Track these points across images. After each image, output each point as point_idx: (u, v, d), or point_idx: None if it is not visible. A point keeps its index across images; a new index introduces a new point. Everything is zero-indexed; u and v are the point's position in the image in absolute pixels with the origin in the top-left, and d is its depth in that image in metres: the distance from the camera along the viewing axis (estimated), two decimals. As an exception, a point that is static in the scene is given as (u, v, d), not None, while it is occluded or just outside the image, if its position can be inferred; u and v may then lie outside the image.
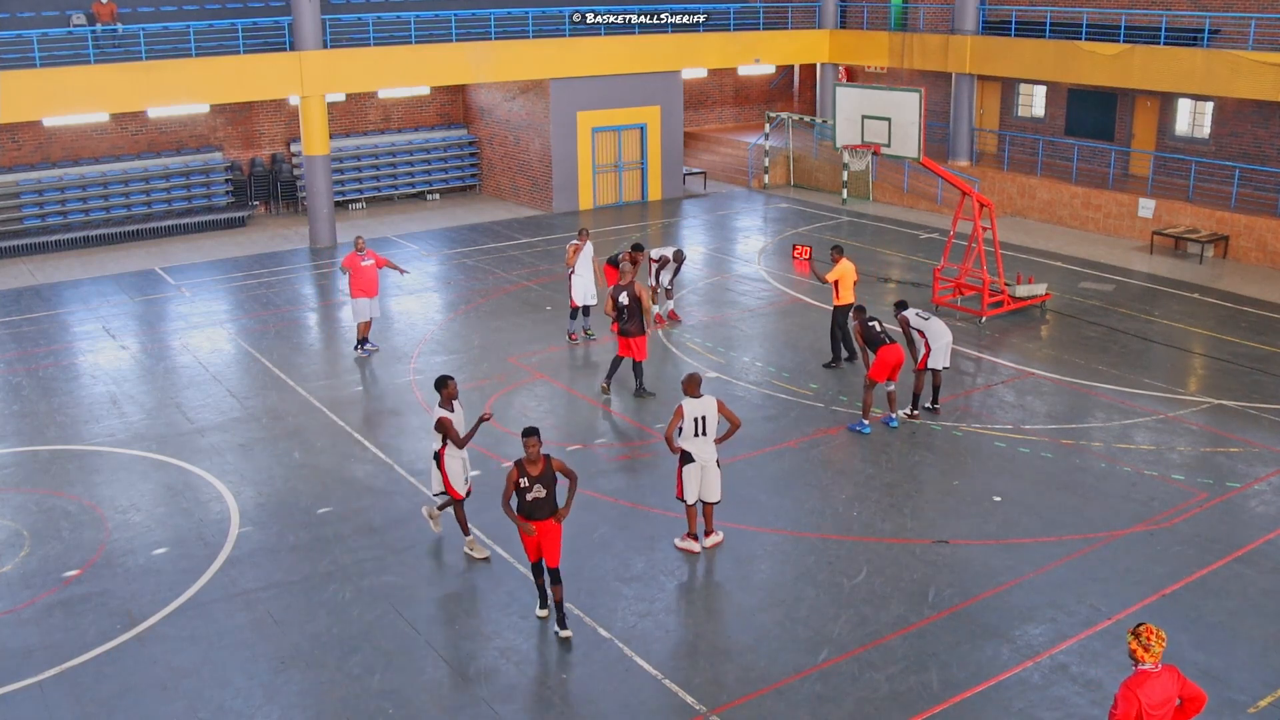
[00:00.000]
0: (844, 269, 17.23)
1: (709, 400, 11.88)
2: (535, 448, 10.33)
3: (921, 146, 19.73)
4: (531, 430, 10.37)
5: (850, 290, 17.35)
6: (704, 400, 11.85)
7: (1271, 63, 23.48)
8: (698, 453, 11.84)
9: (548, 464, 10.47)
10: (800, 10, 34.10)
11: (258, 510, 13.30)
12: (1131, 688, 7.09)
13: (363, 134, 31.55)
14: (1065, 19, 28.77)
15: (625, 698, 9.80)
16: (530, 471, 10.41)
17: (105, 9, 25.13)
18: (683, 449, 11.86)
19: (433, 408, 12.13)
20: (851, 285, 17.35)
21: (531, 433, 10.35)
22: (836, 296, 17.38)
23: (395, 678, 10.10)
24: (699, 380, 11.99)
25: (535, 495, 10.43)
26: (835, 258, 17.35)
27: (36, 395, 17.10)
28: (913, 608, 11.09)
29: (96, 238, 27.03)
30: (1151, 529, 12.62)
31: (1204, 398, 16.52)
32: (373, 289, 18.46)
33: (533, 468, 10.41)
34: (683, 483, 11.93)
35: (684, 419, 11.76)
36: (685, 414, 11.76)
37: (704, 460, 11.88)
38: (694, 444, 11.84)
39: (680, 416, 11.76)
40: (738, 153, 35.09)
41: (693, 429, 11.80)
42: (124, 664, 10.37)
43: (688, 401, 11.83)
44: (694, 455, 11.82)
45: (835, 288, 17.31)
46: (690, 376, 12.03)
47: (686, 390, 11.93)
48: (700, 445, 11.86)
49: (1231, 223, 24.68)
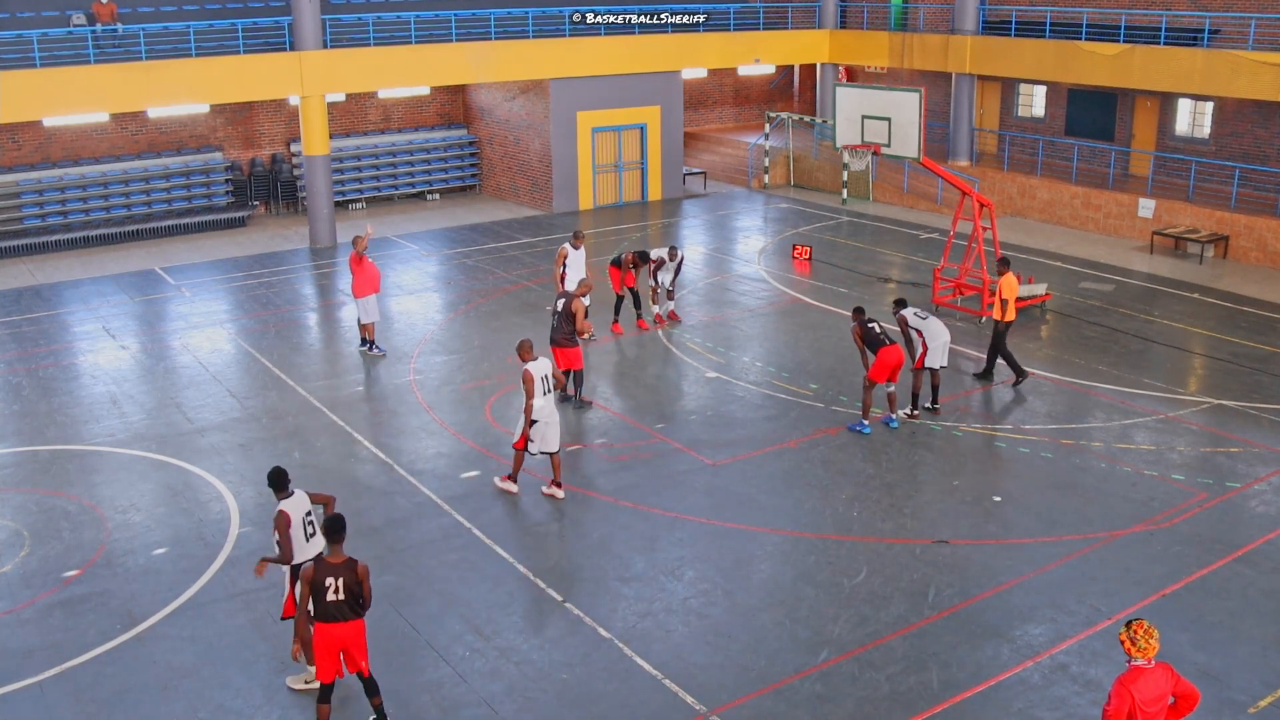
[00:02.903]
0: (1011, 283, 16.43)
1: (545, 361, 13.16)
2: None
3: (921, 146, 19.74)
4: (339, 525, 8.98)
5: (1013, 306, 16.53)
6: (541, 361, 13.11)
7: (1271, 63, 23.48)
8: (544, 412, 12.97)
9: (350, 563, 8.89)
10: (800, 10, 34.10)
11: (258, 510, 13.30)
12: (1124, 684, 7.12)
13: (363, 134, 31.55)
14: (1065, 19, 28.77)
15: (625, 698, 9.80)
16: (331, 561, 8.86)
17: (105, 9, 25.13)
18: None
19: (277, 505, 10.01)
20: (1014, 299, 16.53)
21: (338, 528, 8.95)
22: (1002, 314, 16.50)
23: (395, 678, 10.10)
24: (531, 343, 13.21)
25: (334, 597, 8.88)
26: (1001, 270, 16.58)
27: (36, 395, 17.10)
28: (913, 608, 11.09)
29: (96, 238, 27.03)
30: (1151, 529, 12.62)
31: (1204, 398, 16.52)
32: (376, 285, 18.48)
33: (334, 559, 8.86)
34: (529, 438, 13.03)
35: (535, 382, 12.86)
36: (535, 377, 12.89)
37: (549, 418, 13.06)
38: (542, 402, 12.98)
39: (532, 380, 12.85)
40: (738, 153, 35.09)
41: (542, 388, 12.97)
42: (124, 664, 10.37)
43: (532, 365, 12.96)
44: (542, 414, 12.96)
45: (1000, 304, 16.46)
46: (523, 342, 13.18)
47: (524, 356, 13.07)
48: (547, 404, 13.05)
49: (1231, 223, 24.67)
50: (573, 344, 16.02)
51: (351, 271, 18.40)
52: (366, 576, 8.92)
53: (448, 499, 13.50)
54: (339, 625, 8.89)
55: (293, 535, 9.66)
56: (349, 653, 9.04)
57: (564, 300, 15.97)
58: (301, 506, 9.80)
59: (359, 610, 8.94)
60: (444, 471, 14.27)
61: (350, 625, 8.95)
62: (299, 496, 9.85)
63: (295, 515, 9.72)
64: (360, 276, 18.32)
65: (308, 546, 9.76)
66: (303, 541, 9.73)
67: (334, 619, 8.85)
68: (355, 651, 9.05)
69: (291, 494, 9.80)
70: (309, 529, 9.81)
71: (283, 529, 9.63)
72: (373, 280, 18.43)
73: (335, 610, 8.84)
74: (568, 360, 16.06)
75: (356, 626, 8.99)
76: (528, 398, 12.88)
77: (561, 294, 16.21)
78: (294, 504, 9.74)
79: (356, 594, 8.87)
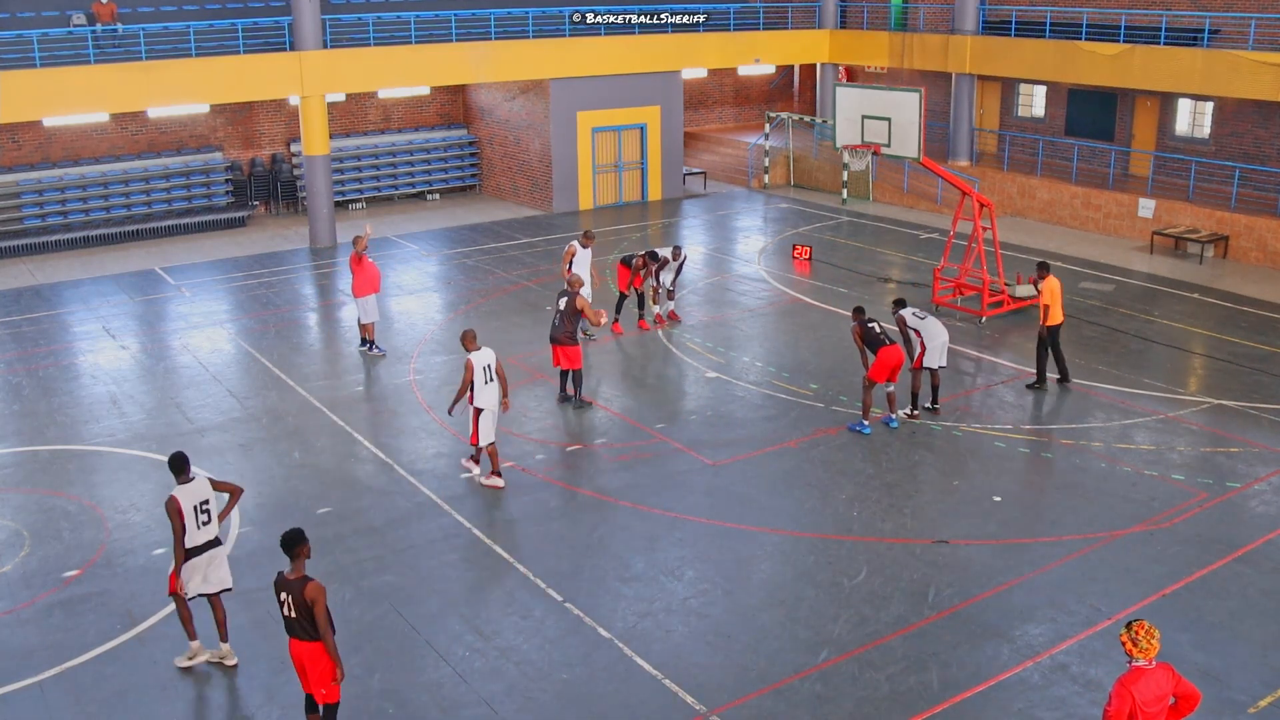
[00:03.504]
0: (1052, 286, 16.33)
1: (488, 351, 13.42)
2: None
3: (921, 146, 19.74)
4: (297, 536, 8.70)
5: (1059, 309, 16.41)
6: (484, 351, 13.38)
7: (1271, 63, 23.48)
8: (488, 401, 13.29)
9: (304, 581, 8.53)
10: (800, 10, 34.10)
11: (258, 510, 13.30)
12: (1125, 684, 7.12)
13: (363, 134, 31.55)
14: (1065, 19, 28.77)
15: (625, 698, 9.80)
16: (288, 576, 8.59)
17: (105, 9, 25.12)
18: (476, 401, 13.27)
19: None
20: (1060, 303, 16.40)
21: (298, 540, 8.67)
22: (1046, 318, 16.38)
23: (395, 678, 10.10)
24: (475, 333, 13.49)
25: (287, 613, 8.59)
26: (1042, 274, 16.48)
27: (36, 395, 17.10)
28: (913, 608, 11.09)
29: (96, 238, 27.03)
30: (1151, 529, 12.62)
31: (1204, 398, 16.51)
32: (376, 285, 18.49)
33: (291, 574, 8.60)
34: (479, 429, 13.33)
35: (475, 371, 13.13)
36: (475, 366, 13.16)
37: (492, 406, 13.37)
38: (484, 391, 13.26)
39: (471, 370, 13.13)
40: (738, 153, 35.09)
41: (483, 378, 13.24)
42: (124, 664, 10.37)
43: (474, 355, 13.25)
44: (484, 404, 13.25)
45: (1044, 309, 16.36)
46: (467, 332, 13.48)
47: (467, 346, 13.36)
48: (489, 393, 13.33)
49: (1231, 223, 24.67)
50: (573, 342, 16.03)
51: (351, 271, 18.43)
52: (318, 598, 8.40)
53: (448, 499, 13.50)
54: (295, 642, 8.63)
55: (185, 522, 9.81)
56: (306, 675, 8.69)
57: (566, 299, 15.98)
58: (197, 494, 9.92)
59: (316, 632, 8.50)
60: (444, 471, 14.27)
61: (305, 646, 8.57)
62: (197, 484, 9.98)
63: (186, 501, 9.83)
64: (360, 276, 18.34)
65: (199, 533, 9.93)
66: (194, 528, 9.89)
67: (291, 634, 8.63)
68: (313, 675, 8.65)
69: (192, 479, 9.95)
70: (202, 516, 9.95)
71: (172, 514, 9.79)
72: (373, 280, 18.45)
73: (290, 627, 8.59)
74: (568, 360, 16.07)
75: (313, 649, 8.56)
76: (463, 385, 13.25)
77: (563, 293, 16.23)
78: (187, 490, 9.88)
79: (309, 614, 8.45)
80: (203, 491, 9.95)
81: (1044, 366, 16.77)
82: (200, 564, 10.00)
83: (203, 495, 9.94)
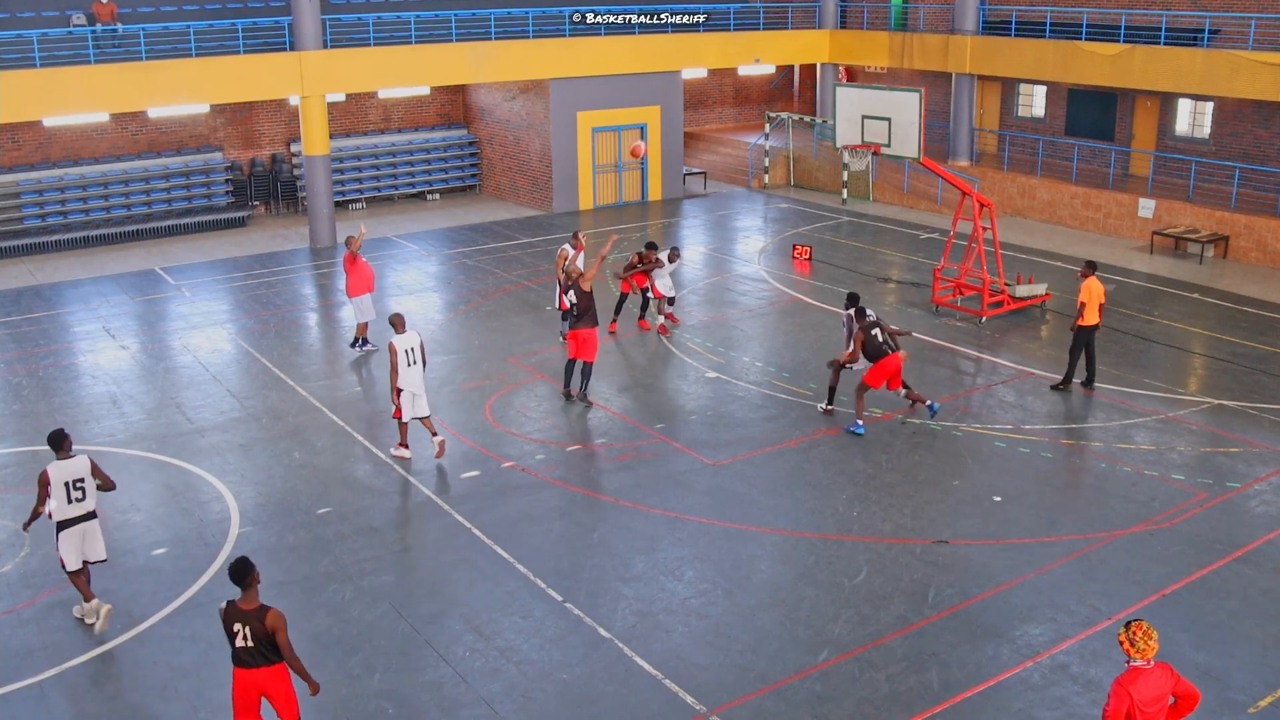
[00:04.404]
0: (1091, 286, 16.25)
1: (413, 334, 14.22)
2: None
3: (921, 146, 19.73)
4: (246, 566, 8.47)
5: (1095, 310, 16.25)
6: (409, 335, 14.14)
7: (1271, 63, 23.48)
8: (408, 382, 14.04)
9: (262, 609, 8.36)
10: (800, 10, 34.10)
11: (258, 510, 13.30)
12: (1123, 684, 7.12)
13: (363, 134, 31.55)
14: (1065, 19, 28.77)
15: (625, 698, 9.80)
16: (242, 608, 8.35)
17: (105, 9, 25.12)
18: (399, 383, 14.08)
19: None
20: (1098, 306, 16.25)
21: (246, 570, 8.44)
22: (1082, 317, 16.27)
23: (395, 678, 10.10)
24: (402, 317, 14.39)
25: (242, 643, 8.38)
26: (1085, 274, 16.37)
27: (36, 395, 17.10)
28: (913, 608, 11.09)
29: (96, 238, 27.03)
30: (1151, 529, 12.62)
31: (1204, 398, 16.51)
32: (370, 284, 18.49)
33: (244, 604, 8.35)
34: (401, 407, 14.17)
35: (397, 353, 13.87)
36: (398, 349, 13.91)
37: (415, 388, 14.11)
38: (407, 373, 14.03)
39: (395, 353, 13.88)
40: (738, 153, 35.09)
41: (405, 360, 13.97)
42: (124, 664, 10.37)
43: (397, 339, 14.02)
44: (405, 385, 14.03)
45: (1080, 307, 16.28)
46: (396, 315, 14.40)
47: (397, 328, 14.19)
48: (412, 375, 14.08)
49: (1231, 223, 24.68)
50: (591, 326, 16.00)
51: (345, 271, 18.43)
52: (280, 626, 8.27)
53: (448, 499, 13.50)
54: (253, 671, 8.40)
55: (51, 493, 10.43)
56: (273, 701, 8.52)
57: (574, 290, 16.03)
58: (72, 471, 10.51)
59: (279, 655, 8.37)
60: (444, 471, 14.27)
61: (268, 671, 8.40)
62: (76, 461, 10.56)
63: (56, 476, 10.44)
64: (354, 276, 18.32)
65: (70, 508, 10.56)
66: (65, 503, 10.52)
67: (246, 664, 8.39)
68: (278, 701, 8.52)
69: (71, 457, 10.56)
70: (76, 493, 10.56)
71: (40, 484, 10.45)
72: (366, 280, 18.43)
73: (246, 656, 8.37)
74: (585, 349, 16.07)
75: (276, 672, 8.43)
76: (392, 368, 13.97)
77: (568, 287, 16.30)
78: (61, 466, 10.48)
79: (271, 642, 8.32)
80: (79, 470, 10.57)
81: (1074, 369, 16.59)
82: (74, 535, 10.65)
83: (78, 473, 10.56)
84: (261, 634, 8.29)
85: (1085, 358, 16.61)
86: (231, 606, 8.38)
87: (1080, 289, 16.34)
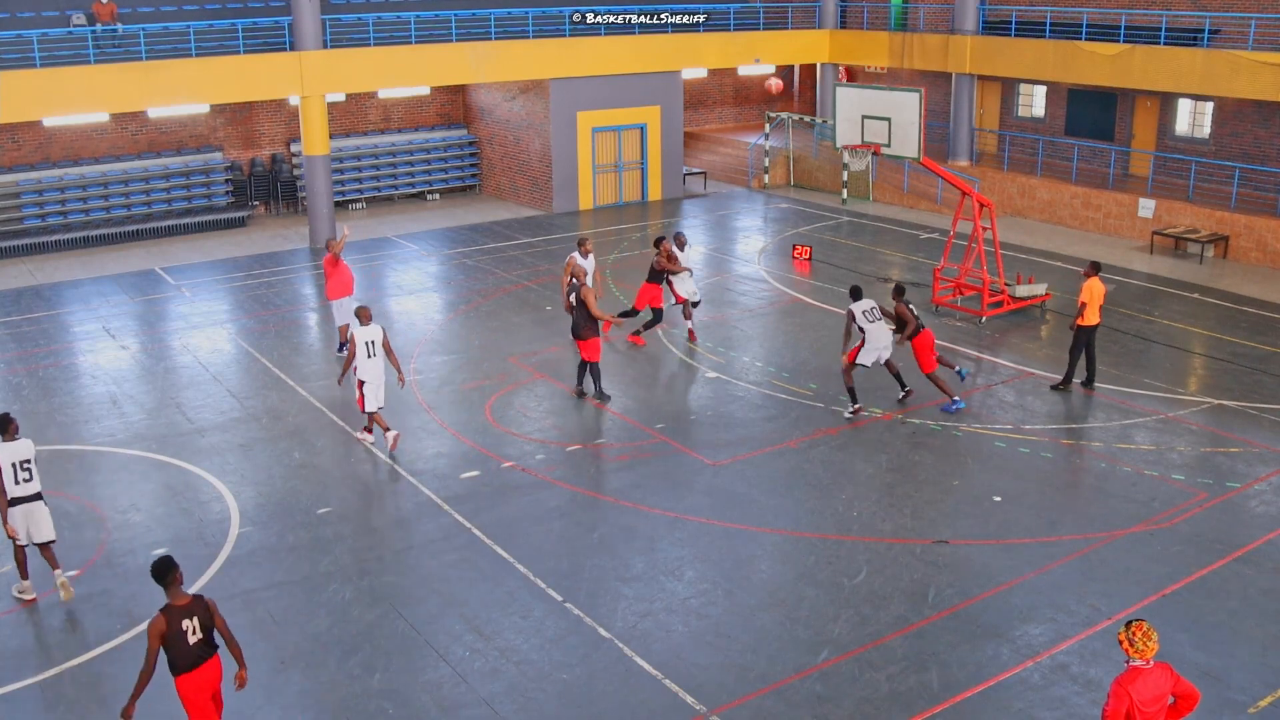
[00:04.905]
0: (1092, 287, 16.22)
1: (376, 328, 14.61)
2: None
3: (921, 146, 19.73)
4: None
5: (1096, 311, 16.24)
6: (372, 328, 14.57)
7: (1271, 63, 23.48)
8: (367, 374, 14.48)
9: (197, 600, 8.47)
10: (800, 10, 34.10)
11: (258, 510, 13.30)
12: (1123, 684, 7.12)
13: (363, 134, 31.55)
14: (1065, 19, 28.77)
15: (625, 698, 9.80)
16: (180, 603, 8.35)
17: (105, 9, 25.12)
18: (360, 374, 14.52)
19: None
20: (1098, 306, 16.24)
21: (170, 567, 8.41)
22: (1082, 317, 16.25)
23: (395, 678, 10.10)
24: (368, 310, 14.73)
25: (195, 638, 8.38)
26: (1088, 273, 16.36)
27: (36, 395, 17.10)
28: (913, 608, 11.09)
29: (96, 238, 27.03)
30: (1151, 529, 12.62)
31: (1204, 398, 16.51)
32: (350, 288, 18.30)
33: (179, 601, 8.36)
34: (364, 398, 14.61)
35: (357, 345, 14.35)
36: (358, 340, 14.39)
37: (373, 379, 14.53)
38: (366, 365, 14.45)
39: (354, 343, 14.38)
40: (738, 153, 35.09)
41: (365, 352, 14.44)
42: (124, 664, 10.36)
43: (360, 330, 14.47)
44: (365, 376, 14.47)
45: (1080, 306, 16.26)
46: (362, 307, 14.77)
47: (362, 319, 14.60)
48: (371, 366, 14.49)
49: (1231, 223, 24.67)
50: (593, 334, 16.08)
51: (326, 274, 18.22)
52: (214, 606, 8.45)
53: (448, 499, 13.50)
54: (201, 669, 8.40)
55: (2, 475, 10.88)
56: (215, 696, 8.60)
57: (574, 292, 16.10)
58: (18, 453, 10.99)
59: (215, 645, 8.48)
60: (444, 471, 14.27)
61: (211, 664, 8.47)
62: (21, 444, 11.06)
63: (5, 459, 10.91)
64: (334, 279, 18.07)
65: (17, 488, 11.01)
66: (12, 483, 10.97)
67: (198, 662, 8.37)
68: (217, 694, 8.63)
69: (16, 440, 11.06)
70: (23, 474, 11.03)
71: None
72: (346, 283, 18.24)
73: (200, 652, 8.36)
74: (587, 352, 16.16)
75: (215, 663, 8.51)
76: (348, 358, 14.45)
77: (571, 288, 16.35)
78: (9, 448, 10.97)
79: (211, 629, 8.41)
80: (24, 451, 11.08)
81: (1074, 369, 16.58)
82: (19, 514, 11.05)
83: (24, 455, 11.06)
84: (209, 623, 8.39)
85: (1085, 358, 16.62)
86: (171, 609, 8.25)
87: (1082, 289, 16.35)
